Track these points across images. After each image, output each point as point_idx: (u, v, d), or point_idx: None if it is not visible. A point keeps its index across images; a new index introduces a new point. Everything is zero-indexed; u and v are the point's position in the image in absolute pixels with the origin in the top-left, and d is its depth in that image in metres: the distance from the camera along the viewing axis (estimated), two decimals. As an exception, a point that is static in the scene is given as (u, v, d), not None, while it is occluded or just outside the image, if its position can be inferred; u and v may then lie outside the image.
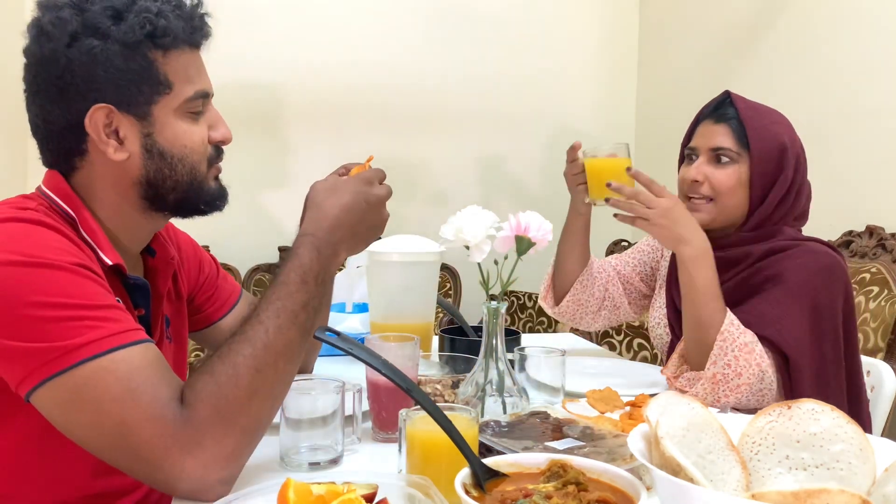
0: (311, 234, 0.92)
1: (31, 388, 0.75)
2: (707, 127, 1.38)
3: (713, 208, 1.35)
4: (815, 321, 1.23)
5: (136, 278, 0.94)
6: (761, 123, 1.34)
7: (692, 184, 1.35)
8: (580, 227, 1.50)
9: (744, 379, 1.17)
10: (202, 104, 0.94)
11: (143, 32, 0.86)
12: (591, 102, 3.71)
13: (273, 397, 0.84)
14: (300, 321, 0.86)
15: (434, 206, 3.50)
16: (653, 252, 1.60)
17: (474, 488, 0.68)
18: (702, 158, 1.36)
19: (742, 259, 1.33)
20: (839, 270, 1.27)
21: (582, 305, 1.55)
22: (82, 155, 0.90)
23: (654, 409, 0.64)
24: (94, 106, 0.86)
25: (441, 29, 3.49)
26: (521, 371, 1.14)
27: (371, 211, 0.99)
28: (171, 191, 0.93)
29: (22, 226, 0.81)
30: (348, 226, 0.95)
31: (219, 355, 0.82)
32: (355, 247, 0.99)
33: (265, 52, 3.24)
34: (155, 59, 0.88)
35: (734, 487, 0.64)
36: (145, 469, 0.77)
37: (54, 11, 0.86)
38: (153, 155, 0.91)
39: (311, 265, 0.89)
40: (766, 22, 2.79)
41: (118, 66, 0.86)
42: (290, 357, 0.85)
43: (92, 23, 0.85)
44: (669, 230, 1.25)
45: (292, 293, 0.87)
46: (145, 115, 0.89)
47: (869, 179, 2.30)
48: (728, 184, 1.33)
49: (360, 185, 0.98)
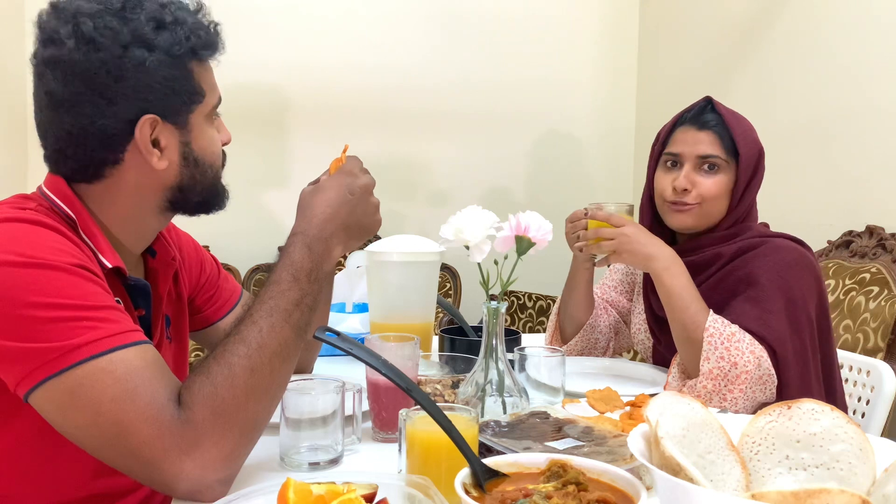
0: (300, 232, 0.93)
1: (30, 389, 0.75)
2: (690, 133, 1.38)
3: (700, 212, 1.38)
4: (791, 315, 1.26)
5: (137, 279, 0.95)
6: (743, 129, 1.37)
7: (681, 192, 1.37)
8: (585, 280, 1.55)
9: (741, 368, 1.19)
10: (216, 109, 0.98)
11: (188, 45, 0.88)
12: (591, 103, 3.71)
13: (270, 396, 0.84)
14: (294, 319, 0.86)
15: (434, 206, 3.50)
16: (626, 266, 1.66)
17: (474, 488, 0.68)
18: (688, 166, 1.37)
19: (714, 261, 1.37)
20: (807, 263, 1.31)
21: (591, 343, 1.60)
22: (116, 164, 0.90)
23: (654, 409, 0.63)
24: (143, 116, 0.87)
25: (441, 30, 3.49)
26: (521, 371, 1.14)
27: (358, 202, 0.98)
28: (198, 195, 0.96)
29: (21, 226, 0.81)
30: (337, 220, 0.95)
31: (214, 356, 0.82)
32: (349, 241, 0.99)
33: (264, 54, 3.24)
34: (193, 70, 0.91)
35: (734, 487, 0.64)
36: (143, 470, 0.77)
37: (97, 19, 0.84)
38: (189, 162, 0.93)
39: (302, 263, 0.90)
40: (766, 22, 2.79)
41: (165, 77, 0.88)
42: (286, 356, 0.85)
43: (140, 33, 0.86)
44: (637, 253, 1.31)
45: (284, 291, 0.87)
46: (185, 123, 0.92)
47: (869, 179, 2.29)
48: (716, 191, 1.36)
49: (341, 179, 0.98)
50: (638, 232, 1.33)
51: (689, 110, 1.41)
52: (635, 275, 1.64)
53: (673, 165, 1.40)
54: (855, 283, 2.10)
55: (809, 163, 2.50)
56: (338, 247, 0.96)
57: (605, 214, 1.36)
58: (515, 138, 3.62)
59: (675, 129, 1.41)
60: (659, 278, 1.30)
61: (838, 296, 2.11)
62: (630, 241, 1.31)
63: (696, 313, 1.25)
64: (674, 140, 1.41)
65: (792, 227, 1.54)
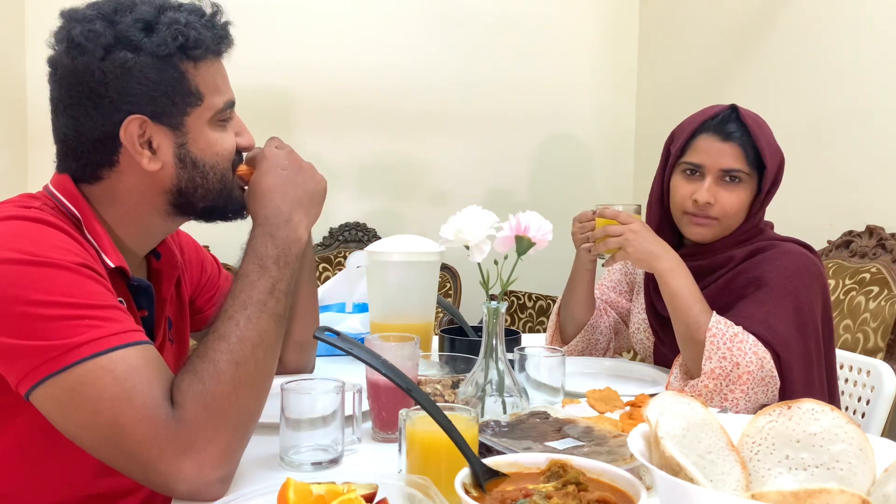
0: (259, 225, 0.93)
1: (31, 387, 0.76)
2: (713, 143, 1.33)
3: (718, 226, 1.36)
4: (798, 321, 1.26)
5: (140, 280, 0.95)
6: (767, 140, 1.35)
7: (704, 205, 1.33)
8: (587, 280, 1.54)
9: (743, 368, 1.18)
10: (229, 113, 0.96)
11: (175, 45, 0.87)
12: (591, 103, 3.71)
13: (258, 388, 0.84)
14: (270, 307, 0.86)
15: (434, 206, 3.50)
16: (624, 267, 1.66)
17: (474, 488, 0.68)
18: (710, 179, 1.33)
19: (725, 263, 1.37)
20: (815, 270, 1.31)
21: (591, 344, 1.59)
22: (112, 166, 0.90)
23: (654, 409, 0.63)
24: (128, 117, 0.87)
25: (443, 31, 3.49)
26: (521, 371, 1.14)
27: (294, 173, 0.98)
28: (202, 199, 0.95)
29: (25, 224, 0.81)
30: (287, 199, 0.95)
31: (197, 354, 0.82)
32: (308, 213, 0.97)
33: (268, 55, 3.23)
34: (186, 71, 0.89)
35: (734, 487, 0.64)
36: (142, 471, 0.77)
37: (85, 24, 0.85)
38: (186, 164, 0.92)
39: (266, 250, 0.90)
40: (766, 22, 2.79)
41: (151, 78, 0.87)
42: (268, 345, 0.85)
43: (125, 35, 0.85)
44: (642, 250, 1.31)
45: (254, 283, 0.87)
46: (179, 125, 0.90)
47: (869, 179, 2.29)
48: (737, 206, 1.34)
49: (268, 162, 0.98)
50: (645, 230, 1.33)
51: (713, 117, 1.35)
52: (634, 274, 1.64)
53: (692, 174, 1.36)
54: (855, 283, 2.10)
55: (809, 163, 2.49)
56: (300, 225, 0.95)
57: (614, 212, 1.36)
58: (515, 138, 3.61)
59: (697, 136, 1.36)
60: (663, 278, 1.29)
61: (838, 296, 2.11)
62: (636, 239, 1.31)
63: (700, 314, 1.25)
64: (695, 148, 1.36)
65: (792, 227, 1.54)
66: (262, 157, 0.99)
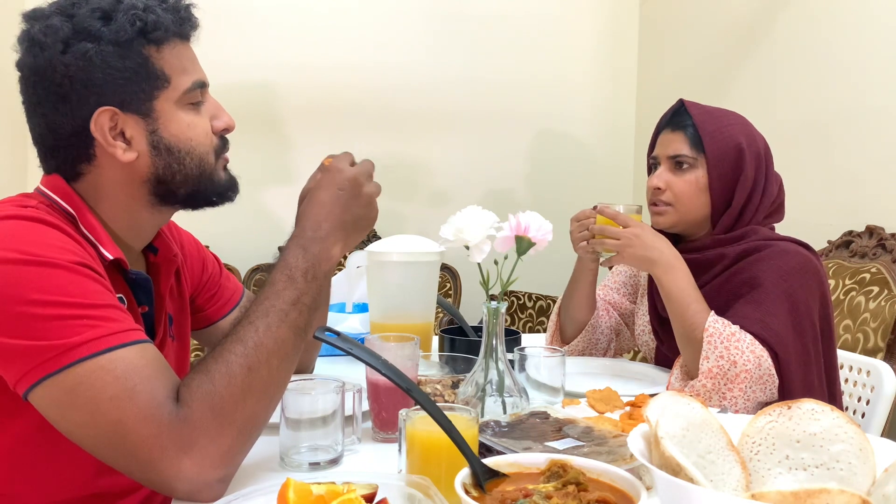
0: (295, 236, 0.93)
1: (29, 387, 0.75)
2: (665, 135, 1.43)
3: (674, 212, 1.41)
4: (795, 320, 1.26)
5: (138, 273, 0.94)
6: (715, 127, 1.38)
7: (655, 191, 1.42)
8: (588, 280, 1.55)
9: (741, 367, 1.19)
10: (201, 94, 0.95)
11: (134, 30, 0.86)
12: (591, 103, 3.71)
13: (268, 396, 0.84)
14: (291, 318, 0.86)
15: (434, 206, 3.49)
16: (629, 269, 1.67)
17: (474, 488, 0.68)
18: (663, 167, 1.42)
19: (717, 261, 1.38)
20: (812, 268, 1.31)
21: (592, 344, 1.60)
22: (89, 161, 0.90)
23: (654, 409, 0.63)
24: (97, 109, 0.86)
25: (441, 29, 3.49)
26: (521, 371, 1.14)
27: (349, 196, 0.96)
28: (182, 185, 0.94)
29: (22, 223, 0.81)
30: (332, 218, 0.94)
31: (212, 355, 0.82)
32: (348, 237, 0.97)
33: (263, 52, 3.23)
34: (150, 55, 0.89)
35: (734, 487, 0.64)
36: (142, 470, 0.77)
37: (43, 21, 0.86)
38: (160, 151, 0.91)
39: (297, 263, 0.89)
40: (766, 22, 2.79)
41: (115, 66, 0.86)
42: (284, 355, 0.85)
43: (83, 26, 0.85)
44: (639, 255, 1.32)
45: (279, 292, 0.87)
46: (148, 111, 0.89)
47: (869, 179, 2.29)
48: (687, 189, 1.39)
49: (329, 176, 0.97)
50: (643, 233, 1.34)
51: (667, 114, 1.46)
52: (639, 276, 1.65)
53: (655, 167, 1.45)
54: (855, 283, 2.10)
55: (809, 163, 2.49)
56: (336, 245, 0.94)
57: (613, 212, 1.37)
58: (515, 138, 3.61)
59: (659, 133, 1.46)
60: (660, 280, 1.31)
61: (838, 296, 2.11)
62: (633, 244, 1.32)
63: (697, 313, 1.26)
64: (656, 144, 1.46)
65: (792, 227, 1.54)
66: (325, 169, 0.98)
